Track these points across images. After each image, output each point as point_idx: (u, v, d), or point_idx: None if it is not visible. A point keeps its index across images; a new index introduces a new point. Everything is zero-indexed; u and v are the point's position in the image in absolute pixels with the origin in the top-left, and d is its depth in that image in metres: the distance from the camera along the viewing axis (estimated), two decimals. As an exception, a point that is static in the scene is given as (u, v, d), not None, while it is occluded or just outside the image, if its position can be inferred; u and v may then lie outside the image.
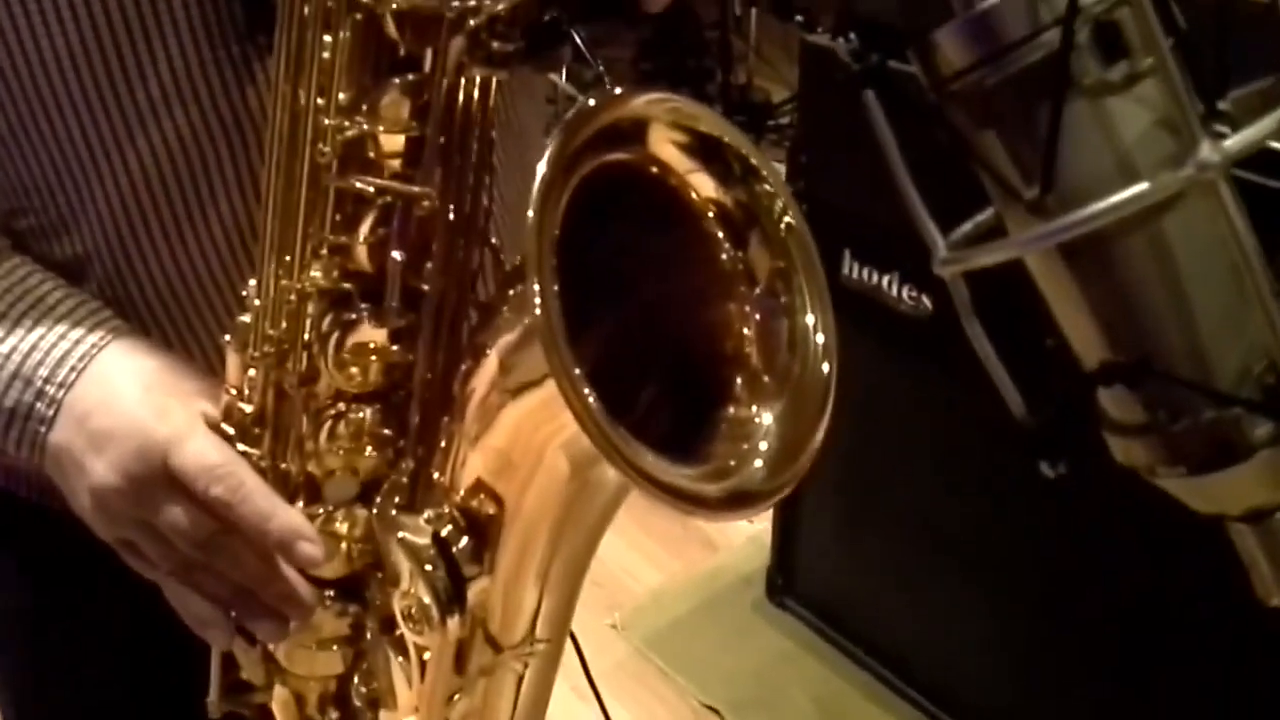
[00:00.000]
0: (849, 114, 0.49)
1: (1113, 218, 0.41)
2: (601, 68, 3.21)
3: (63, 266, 0.65)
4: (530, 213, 0.46)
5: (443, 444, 0.53)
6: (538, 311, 0.44)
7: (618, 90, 0.50)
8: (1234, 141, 0.40)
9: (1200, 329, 0.43)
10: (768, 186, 0.52)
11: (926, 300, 1.50)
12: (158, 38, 0.60)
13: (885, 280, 1.56)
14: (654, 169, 0.52)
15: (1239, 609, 0.53)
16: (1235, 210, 0.42)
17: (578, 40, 0.59)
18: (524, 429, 0.49)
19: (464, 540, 0.51)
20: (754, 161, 0.52)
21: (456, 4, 0.49)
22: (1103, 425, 0.47)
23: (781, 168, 2.13)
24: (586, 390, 0.45)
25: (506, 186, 0.64)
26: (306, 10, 0.51)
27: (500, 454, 0.50)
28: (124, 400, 0.58)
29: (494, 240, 0.56)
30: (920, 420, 1.54)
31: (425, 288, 0.54)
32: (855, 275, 1.59)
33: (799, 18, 3.51)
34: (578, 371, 0.45)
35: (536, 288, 0.44)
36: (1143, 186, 0.41)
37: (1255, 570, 0.48)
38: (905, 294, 1.54)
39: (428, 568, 0.50)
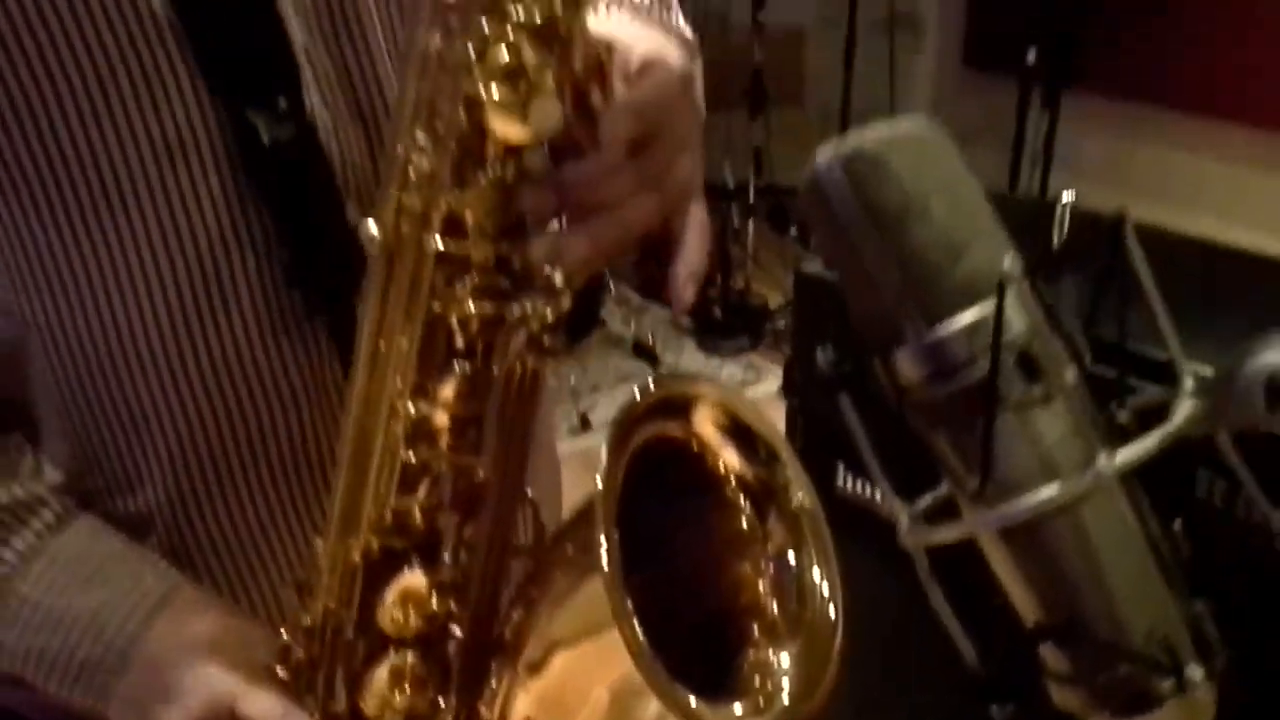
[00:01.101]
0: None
1: (1037, 511, 0.52)
2: (609, 277, 3.40)
3: (126, 521, 0.73)
4: (598, 480, 0.56)
5: (492, 684, 0.62)
6: (605, 566, 0.53)
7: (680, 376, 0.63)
8: (1124, 454, 0.51)
9: (1115, 599, 0.53)
10: (787, 471, 0.64)
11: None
12: (223, 315, 0.69)
13: (878, 493, 1.65)
14: (693, 442, 0.63)
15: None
16: (1129, 507, 0.53)
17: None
18: (574, 671, 0.58)
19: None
20: (778, 449, 0.63)
21: (516, 311, 0.61)
22: (1044, 673, 0.56)
23: (778, 370, 2.24)
24: (640, 633, 0.54)
25: None
26: (386, 313, 0.62)
27: (547, 693, 0.59)
28: (192, 653, 0.66)
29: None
30: (915, 628, 1.60)
31: (471, 538, 0.64)
32: (848, 487, 1.69)
33: (794, 231, 3.71)
34: (633, 611, 0.54)
35: (603, 541, 0.54)
36: (1054, 489, 0.51)
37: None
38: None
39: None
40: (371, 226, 0.60)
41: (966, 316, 0.54)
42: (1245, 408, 0.49)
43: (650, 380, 0.61)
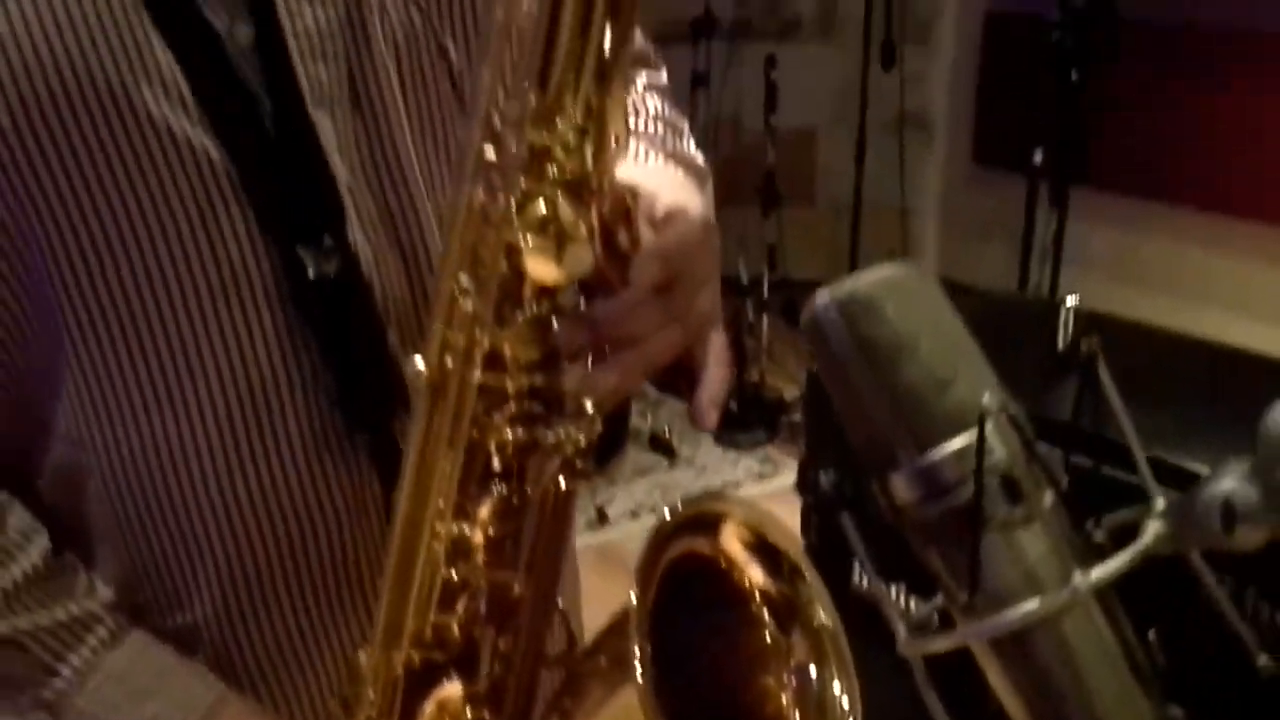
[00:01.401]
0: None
1: (1020, 624, 0.57)
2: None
3: (174, 635, 0.77)
4: (632, 595, 0.61)
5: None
6: (639, 678, 0.58)
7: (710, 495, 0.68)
8: (1098, 571, 0.56)
9: (1095, 705, 0.57)
10: (811, 590, 0.69)
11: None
12: (270, 438, 0.74)
13: (892, 590, 1.70)
14: (720, 559, 0.68)
15: None
16: (1105, 620, 0.57)
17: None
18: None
19: None
20: (802, 569, 0.68)
21: (551, 438, 0.66)
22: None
23: (795, 463, 2.27)
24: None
25: None
26: (430, 441, 0.67)
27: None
28: None
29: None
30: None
31: (506, 650, 0.69)
32: (864, 585, 1.73)
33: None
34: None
35: (637, 653, 0.59)
36: (1034, 604, 0.56)
37: None
38: (912, 604, 1.67)
39: None
40: (418, 362, 0.66)
41: (954, 443, 0.60)
42: (1205, 530, 0.54)
43: (679, 500, 0.67)
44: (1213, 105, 3.54)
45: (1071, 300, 1.75)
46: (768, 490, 3.35)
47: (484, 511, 0.67)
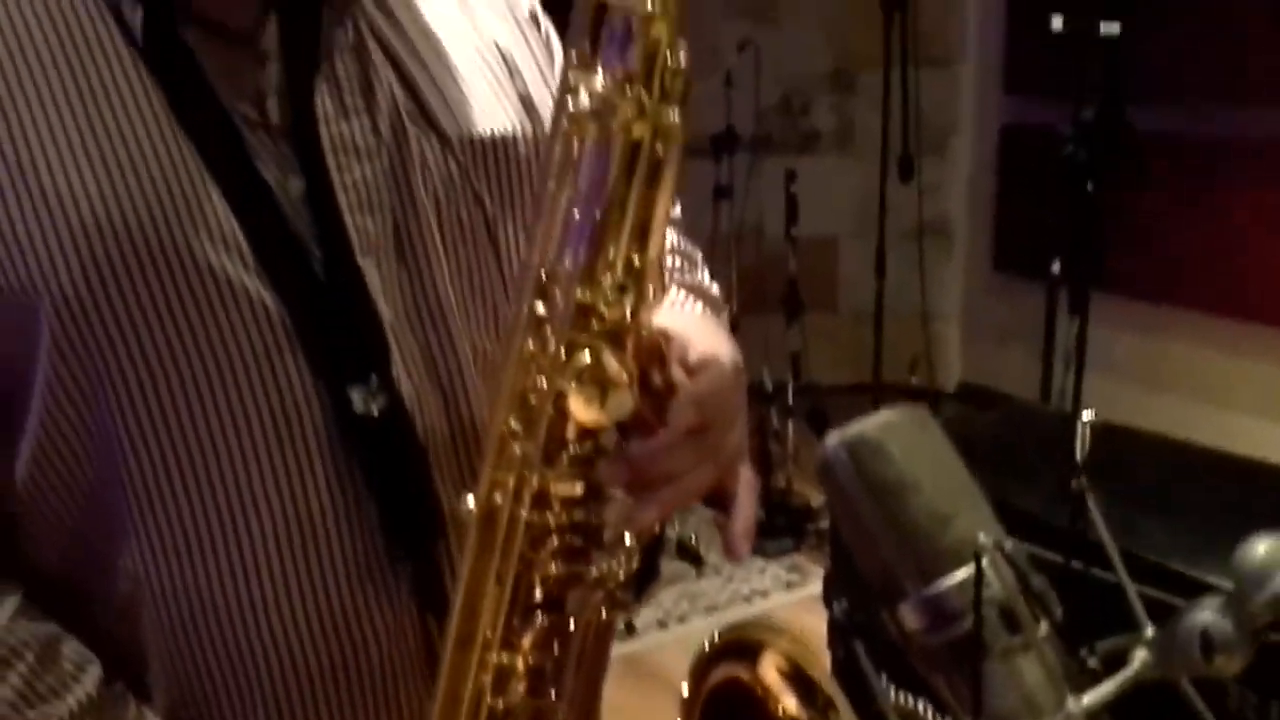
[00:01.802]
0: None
1: (1020, 745, 0.62)
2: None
3: None
4: None
5: None
6: None
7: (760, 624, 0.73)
8: (1089, 698, 0.61)
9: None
10: (841, 717, 0.73)
11: (957, 723, 1.65)
12: (317, 565, 0.78)
13: (920, 704, 1.71)
14: (757, 687, 0.72)
15: None
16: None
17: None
18: None
19: None
20: (835, 700, 0.73)
21: (594, 572, 0.71)
22: None
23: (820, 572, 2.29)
24: None
25: None
26: (479, 576, 0.72)
27: None
28: None
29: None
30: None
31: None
32: (892, 699, 1.75)
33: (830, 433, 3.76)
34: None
35: None
36: (1030, 729, 0.61)
37: None
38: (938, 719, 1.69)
39: None
40: (469, 500, 0.71)
41: (957, 575, 0.65)
42: (1186, 658, 0.59)
43: (716, 631, 0.72)
44: (1229, 209, 3.61)
45: (1087, 415, 1.79)
46: (796, 599, 3.35)
47: (528, 641, 0.71)
